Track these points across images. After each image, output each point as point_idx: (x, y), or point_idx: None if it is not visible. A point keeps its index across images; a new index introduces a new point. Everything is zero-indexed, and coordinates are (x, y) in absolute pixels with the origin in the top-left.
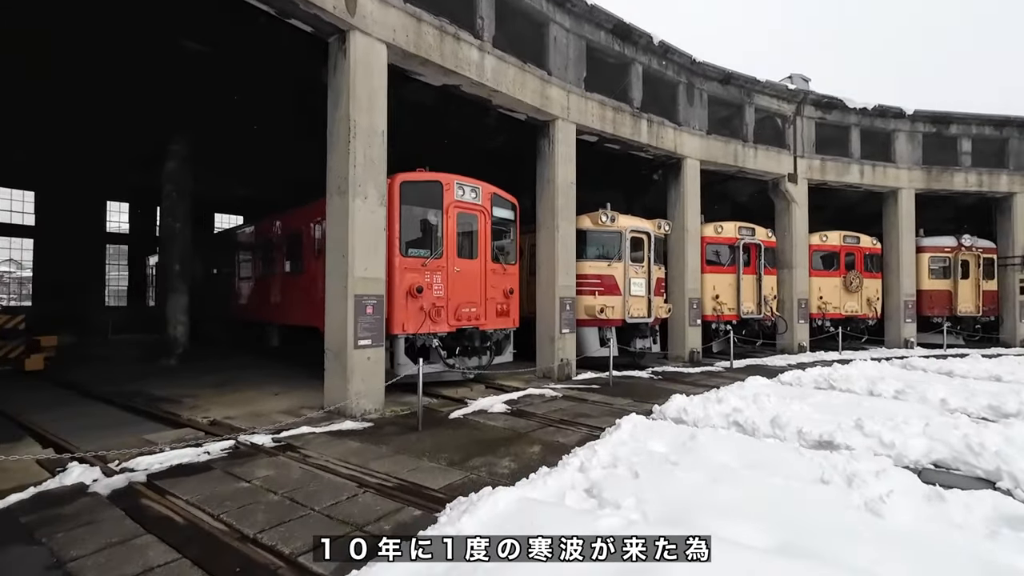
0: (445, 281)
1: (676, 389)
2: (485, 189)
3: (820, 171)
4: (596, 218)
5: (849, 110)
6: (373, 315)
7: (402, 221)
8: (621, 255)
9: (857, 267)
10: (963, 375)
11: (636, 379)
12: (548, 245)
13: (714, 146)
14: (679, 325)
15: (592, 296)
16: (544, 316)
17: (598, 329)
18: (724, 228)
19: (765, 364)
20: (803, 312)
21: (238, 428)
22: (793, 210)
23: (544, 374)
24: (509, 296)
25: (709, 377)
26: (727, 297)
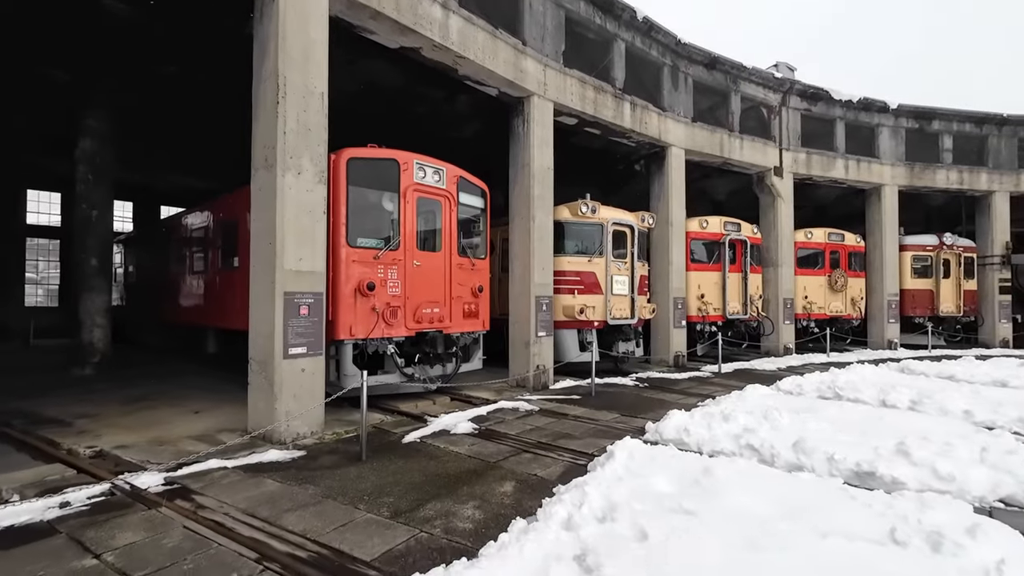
0: (402, 277)
1: (667, 400)
2: (450, 172)
3: (806, 165)
4: (575, 209)
5: (835, 102)
6: (309, 317)
7: (350, 205)
8: (603, 250)
9: (842, 266)
10: (968, 380)
11: (620, 387)
12: (523, 238)
13: (700, 135)
14: (663, 326)
15: (571, 295)
16: (518, 318)
17: (577, 332)
18: (710, 223)
19: (754, 369)
20: (789, 312)
21: (127, 462)
22: (779, 206)
23: (518, 383)
24: (478, 295)
25: (700, 384)
26: (712, 297)
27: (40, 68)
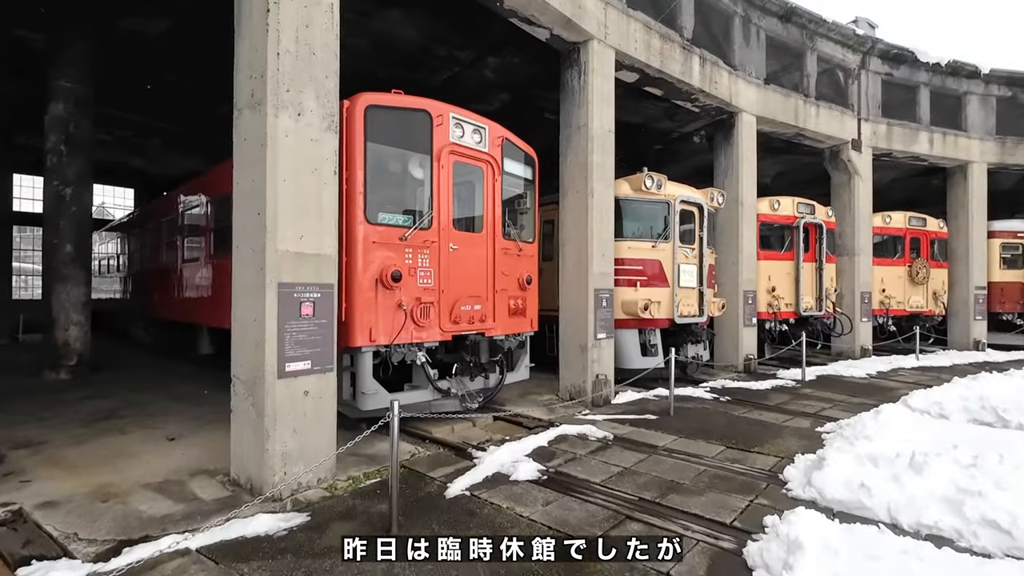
0: (436, 265)
1: (768, 421)
2: (493, 131)
3: (886, 138)
4: (637, 183)
5: (920, 65)
6: (315, 318)
7: (368, 168)
8: (669, 233)
9: (923, 254)
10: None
11: (697, 402)
12: (578, 217)
13: (773, 99)
14: (731, 325)
15: (632, 288)
16: (571, 315)
17: (638, 332)
18: (781, 204)
19: (841, 376)
20: (866, 308)
21: (44, 536)
22: (856, 185)
23: (572, 394)
24: (526, 287)
25: (793, 398)
26: (784, 290)
27: (16, 30)
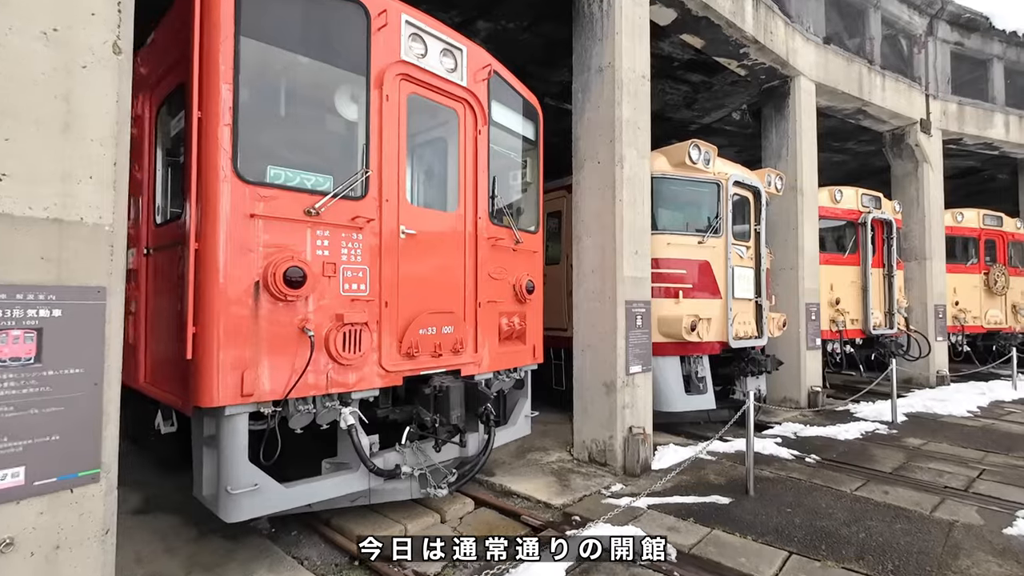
0: (375, 259)
1: (910, 508)
2: (475, 57)
3: (957, 120)
4: (679, 155)
5: (994, 34)
6: (38, 369)
7: (241, 82)
8: (720, 226)
9: (999, 260)
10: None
11: (776, 466)
12: (600, 199)
13: (834, 63)
14: (791, 348)
15: (673, 300)
16: (591, 339)
17: (680, 361)
18: (844, 195)
19: (936, 414)
20: (941, 325)
21: None
22: (925, 174)
23: (593, 455)
24: (526, 298)
25: (905, 455)
26: (849, 303)
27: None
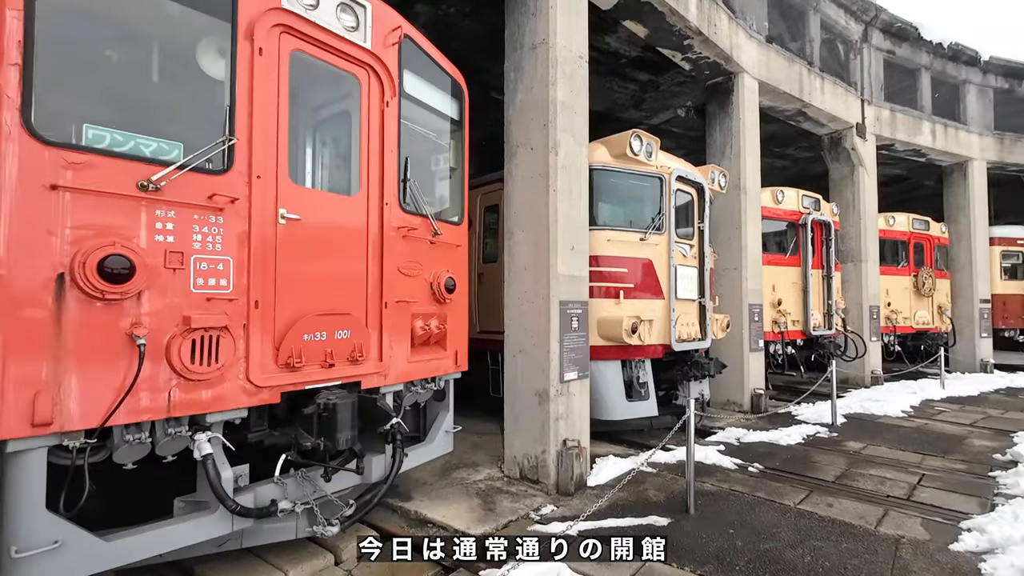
0: (242, 249)
1: (855, 524)
2: (382, 16)
3: (890, 126)
4: (619, 146)
5: (922, 44)
6: None
7: (34, 8)
8: (663, 222)
9: (927, 262)
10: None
11: (719, 477)
12: (533, 189)
13: (776, 62)
14: (734, 350)
15: (613, 300)
16: (523, 343)
17: (622, 365)
18: (786, 196)
19: (873, 415)
20: (875, 325)
21: None
22: (860, 178)
23: (524, 471)
24: (445, 298)
25: (847, 461)
26: (791, 303)
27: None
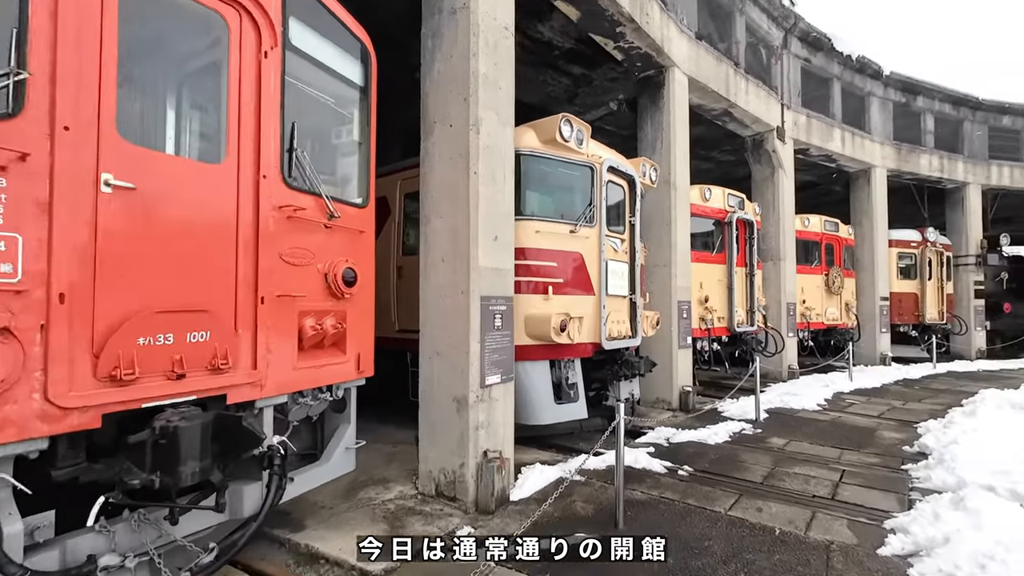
0: (41, 225)
1: (788, 531)
2: None
3: (806, 131)
4: (549, 131)
5: (835, 55)
6: None
7: None
8: (594, 214)
9: (836, 262)
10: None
11: (649, 483)
12: (452, 171)
13: (705, 60)
14: (664, 347)
15: (541, 296)
16: (440, 344)
17: (551, 366)
18: (713, 194)
19: (792, 410)
20: (792, 322)
21: None
22: (780, 179)
23: (441, 487)
24: (343, 292)
25: (772, 459)
26: (717, 300)
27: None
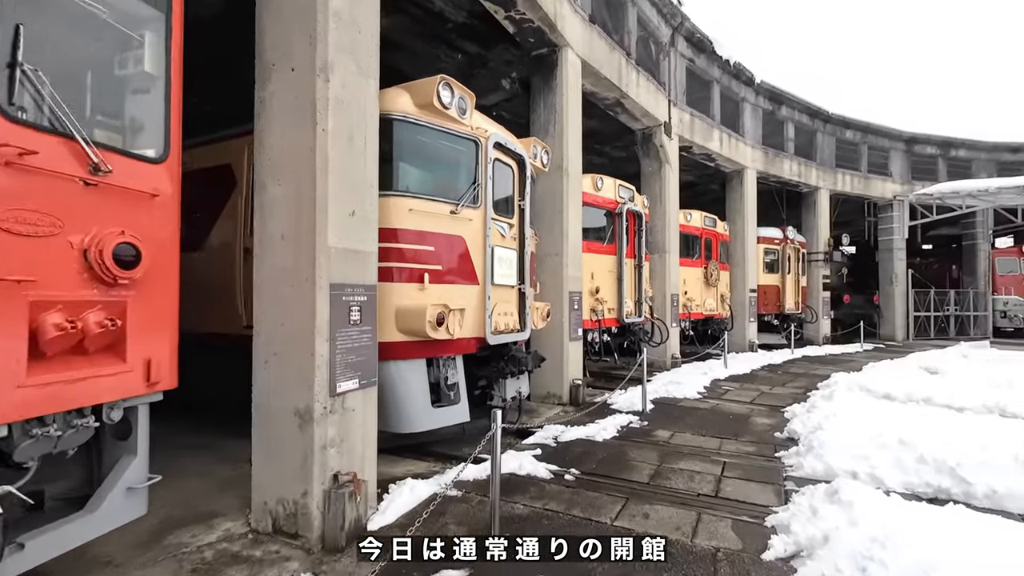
0: None
1: (675, 540)
2: None
3: (690, 128)
4: (426, 94)
5: (715, 59)
6: None
7: None
8: (479, 194)
9: (714, 256)
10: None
11: (533, 492)
12: (295, 124)
13: (598, 46)
14: (555, 340)
15: (416, 285)
16: (279, 343)
17: (427, 364)
18: (604, 184)
19: (676, 399)
20: (675, 313)
21: None
22: (666, 174)
23: (278, 523)
24: (119, 277)
25: (658, 454)
26: (608, 291)
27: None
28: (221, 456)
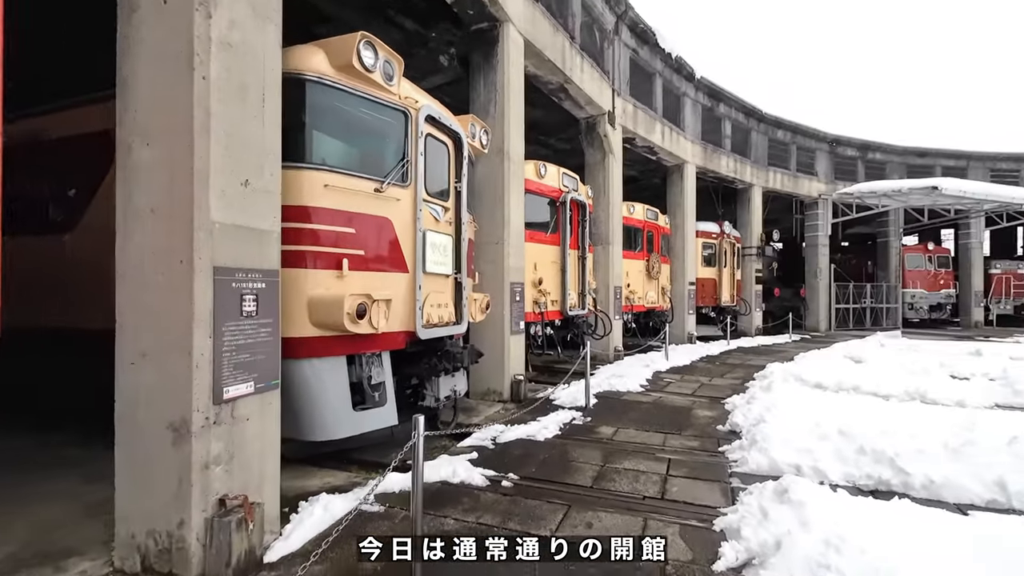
0: None
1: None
2: None
3: (633, 120)
4: (344, 54)
5: (657, 52)
6: None
7: None
8: (409, 172)
9: (655, 249)
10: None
11: (466, 503)
12: (170, 70)
13: (542, 26)
14: (495, 333)
15: (333, 272)
16: (148, 341)
17: (347, 362)
18: (548, 171)
19: (619, 392)
20: (618, 305)
21: None
22: (610, 165)
23: (148, 560)
24: None
25: (601, 452)
26: (551, 283)
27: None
28: (91, 475)
